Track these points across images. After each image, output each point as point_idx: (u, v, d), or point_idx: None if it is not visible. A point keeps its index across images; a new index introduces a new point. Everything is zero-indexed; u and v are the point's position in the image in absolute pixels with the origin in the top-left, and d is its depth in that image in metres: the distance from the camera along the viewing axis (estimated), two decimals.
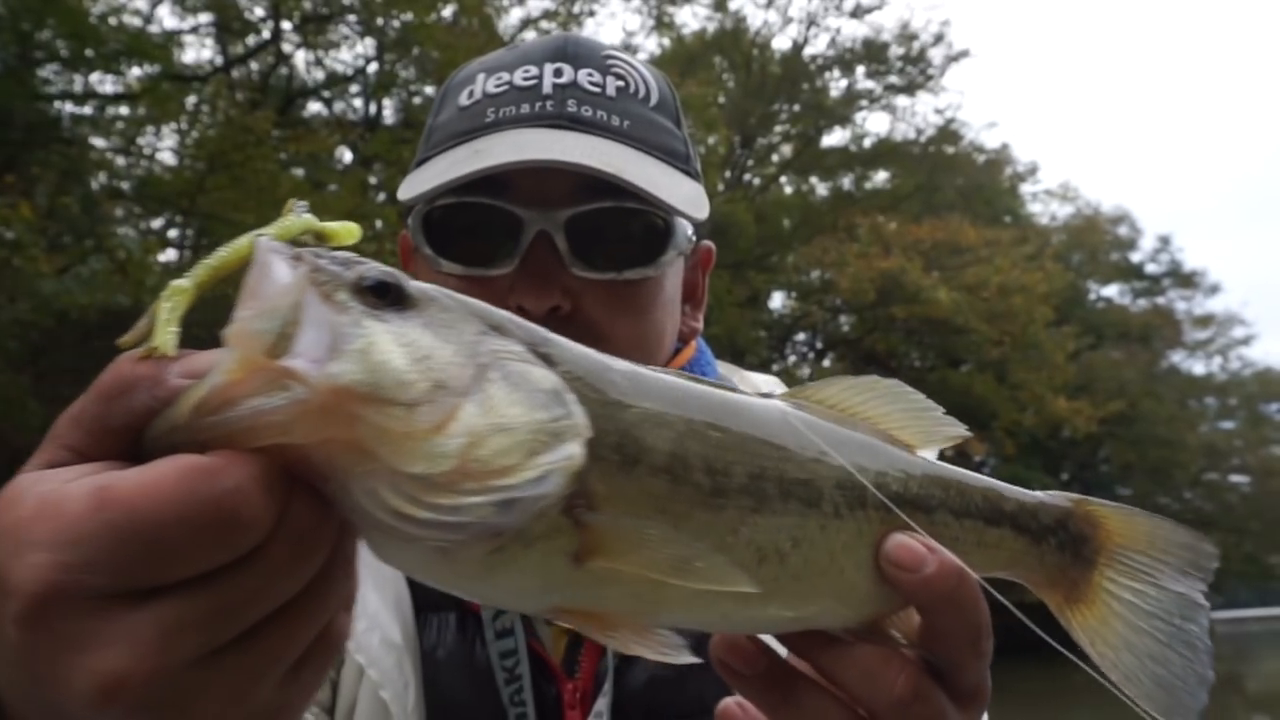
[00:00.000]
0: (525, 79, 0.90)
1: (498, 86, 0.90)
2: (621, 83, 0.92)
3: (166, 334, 0.49)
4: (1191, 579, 0.82)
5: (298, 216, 0.55)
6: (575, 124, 0.87)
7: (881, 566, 0.64)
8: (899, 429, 0.75)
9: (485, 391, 0.50)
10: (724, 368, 1.09)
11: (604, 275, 0.86)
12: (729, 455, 0.60)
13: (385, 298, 0.50)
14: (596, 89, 0.90)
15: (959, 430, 0.76)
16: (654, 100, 0.94)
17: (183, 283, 0.51)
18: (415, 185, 0.89)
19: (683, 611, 0.59)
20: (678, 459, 0.57)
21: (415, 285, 0.52)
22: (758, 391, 1.08)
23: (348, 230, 0.56)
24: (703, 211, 0.92)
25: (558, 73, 0.90)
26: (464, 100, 0.92)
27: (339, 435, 0.46)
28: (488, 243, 0.86)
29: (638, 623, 0.57)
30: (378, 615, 0.95)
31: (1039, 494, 0.78)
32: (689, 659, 0.56)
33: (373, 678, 0.93)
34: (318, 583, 0.49)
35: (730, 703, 0.67)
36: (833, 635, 0.66)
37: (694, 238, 0.96)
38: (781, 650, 0.68)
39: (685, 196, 0.89)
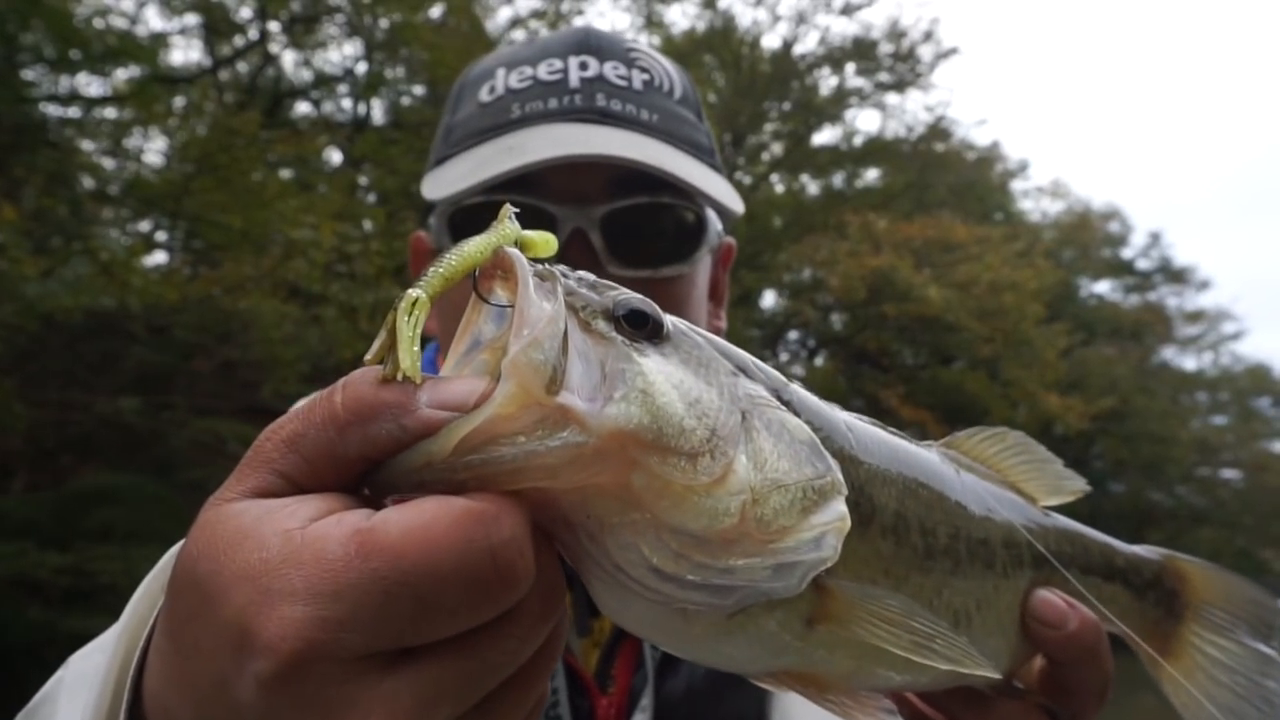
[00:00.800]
0: (550, 73, 0.86)
1: (521, 81, 0.86)
2: (646, 75, 0.90)
3: (411, 354, 0.43)
4: (1266, 636, 0.83)
5: (511, 225, 0.50)
6: (606, 118, 0.84)
7: (1027, 623, 0.64)
8: (1025, 481, 0.75)
9: (754, 442, 0.45)
10: None
11: (640, 273, 0.84)
12: (935, 515, 0.58)
13: (642, 329, 0.46)
14: (623, 82, 0.87)
15: (1080, 485, 0.78)
16: (678, 94, 0.92)
17: (418, 293, 0.45)
18: (442, 184, 0.85)
19: (894, 675, 0.56)
20: (901, 519, 0.55)
21: (669, 318, 0.49)
22: None
23: (545, 241, 0.51)
24: (739, 205, 0.91)
25: (583, 66, 0.86)
26: (485, 96, 0.88)
27: (607, 482, 0.42)
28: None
29: (848, 685, 0.54)
30: None
31: (1137, 549, 0.81)
32: None
33: None
34: (547, 643, 0.44)
35: None
36: (977, 691, 0.66)
37: (722, 233, 0.94)
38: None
39: (721, 190, 0.89)
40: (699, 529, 0.42)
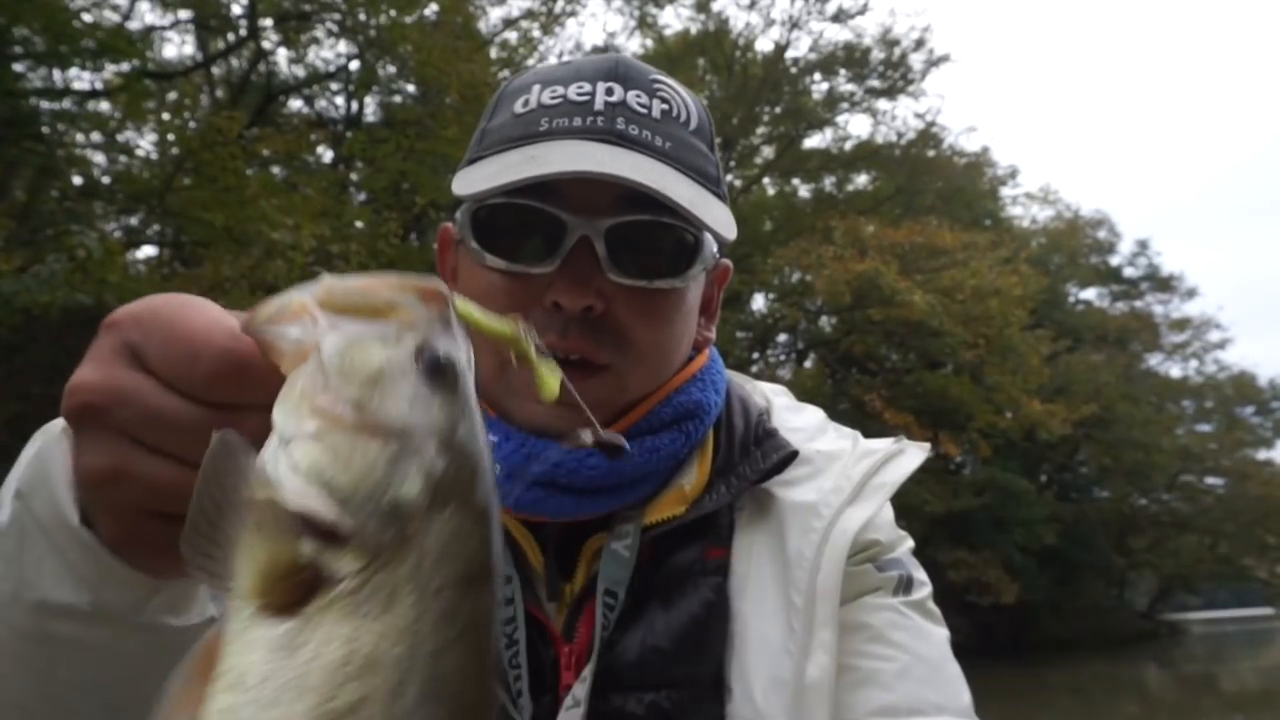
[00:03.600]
0: (579, 94, 0.95)
1: (553, 98, 0.95)
2: (666, 106, 0.98)
3: (555, 378, 0.59)
4: None
5: (528, 338, 0.59)
6: (622, 140, 0.93)
7: None
8: None
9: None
10: (735, 376, 1.14)
11: (636, 282, 0.92)
12: None
13: (433, 376, 0.49)
14: (644, 110, 0.96)
15: None
16: (693, 125, 1.00)
17: (523, 325, 0.59)
18: (469, 183, 0.94)
19: None
20: None
21: (460, 397, 0.50)
22: (767, 402, 1.12)
23: (549, 376, 0.60)
24: (732, 233, 0.98)
25: (609, 91, 0.95)
26: (519, 108, 0.97)
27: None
28: (532, 242, 0.92)
29: None
30: None
31: None
32: None
33: None
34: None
35: None
36: None
37: (718, 255, 1.02)
38: None
39: (717, 218, 0.95)
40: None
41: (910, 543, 1.05)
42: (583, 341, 0.91)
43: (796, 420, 1.10)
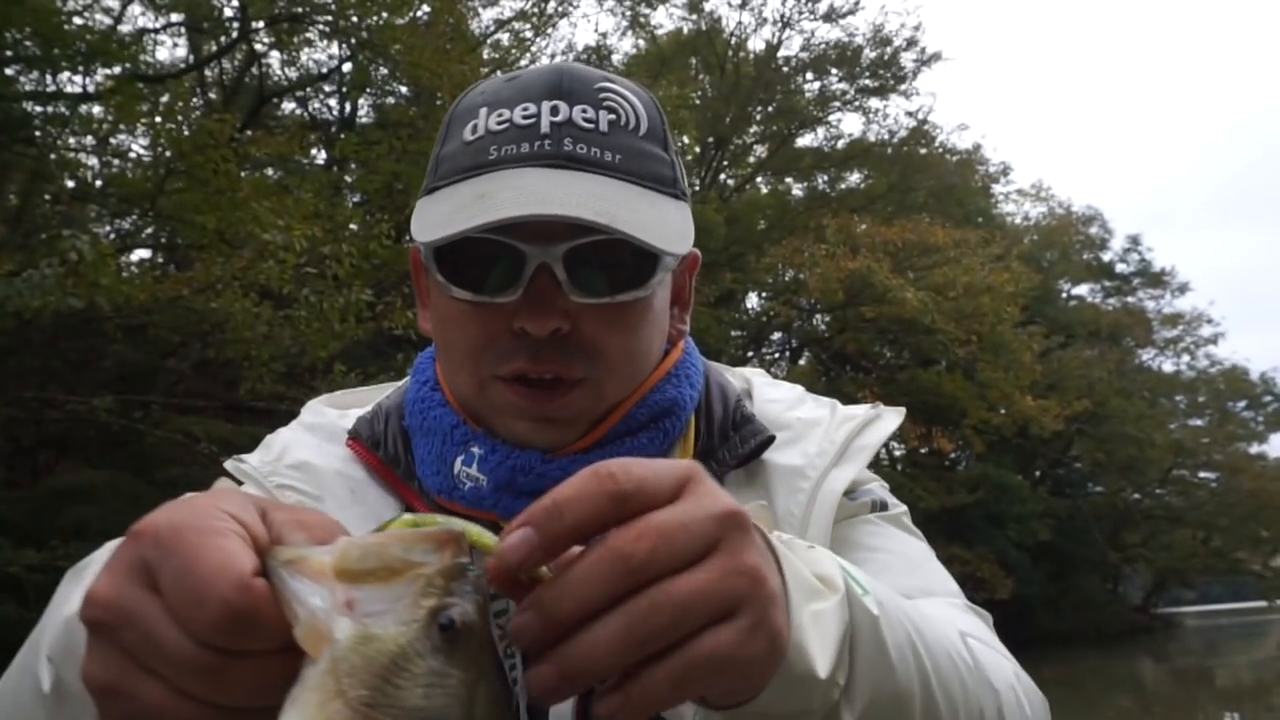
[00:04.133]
0: (524, 117, 0.95)
1: (499, 124, 0.96)
2: (613, 115, 0.97)
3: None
4: None
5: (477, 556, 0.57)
6: (571, 162, 0.93)
7: None
8: None
9: None
10: (713, 364, 1.15)
11: (599, 300, 0.93)
12: None
13: (451, 645, 0.50)
14: (590, 125, 0.95)
15: None
16: (644, 129, 0.99)
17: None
18: (426, 225, 0.95)
19: None
20: None
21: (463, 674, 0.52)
22: (746, 383, 1.15)
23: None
24: (686, 242, 0.97)
25: (554, 110, 0.95)
26: (468, 135, 0.98)
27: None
28: (494, 274, 0.92)
29: None
30: None
31: None
32: None
33: None
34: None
35: None
36: None
37: (679, 255, 1.01)
38: None
39: (671, 228, 0.95)
40: None
41: (884, 484, 1.09)
42: (555, 362, 0.92)
43: (776, 393, 1.12)
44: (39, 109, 11.24)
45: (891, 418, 1.07)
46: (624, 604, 0.51)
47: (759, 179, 28.25)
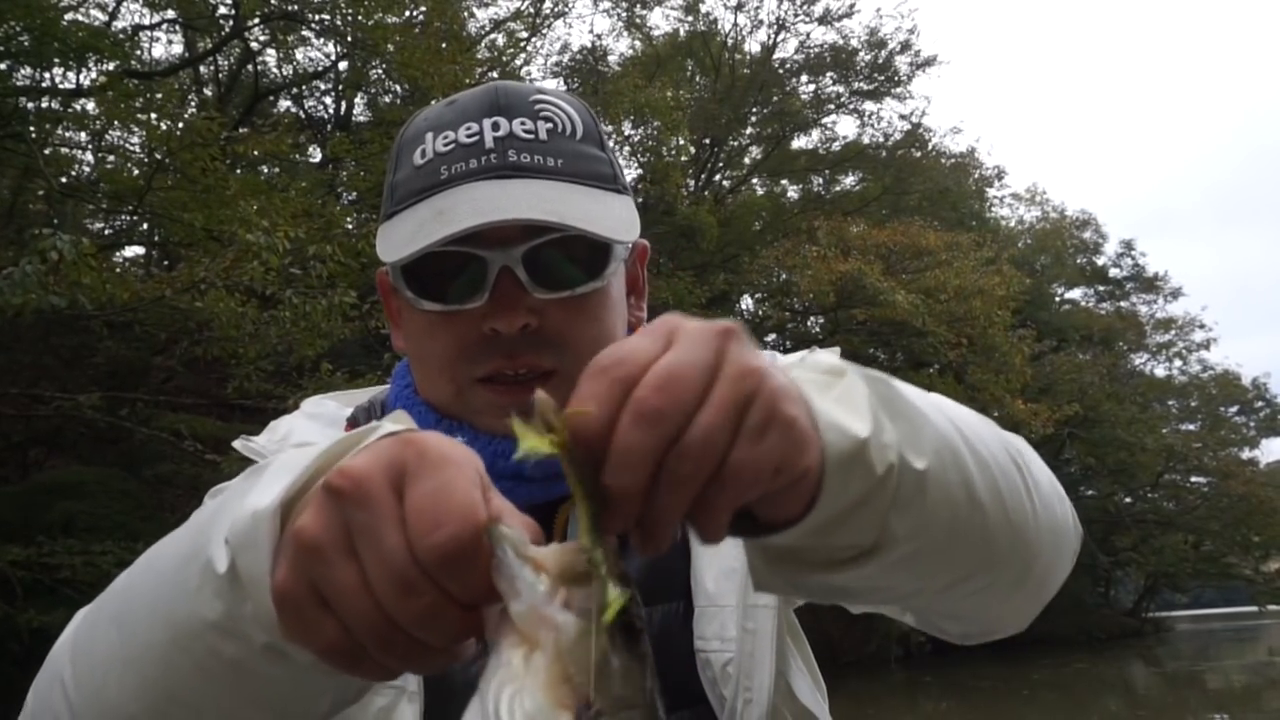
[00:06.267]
0: (469, 136, 1.01)
1: (446, 145, 1.02)
2: (550, 124, 1.03)
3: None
4: None
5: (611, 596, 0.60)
6: (518, 171, 0.99)
7: None
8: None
9: None
10: None
11: (561, 294, 0.99)
12: None
13: (623, 638, 0.54)
14: (530, 135, 1.02)
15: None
16: (580, 133, 1.05)
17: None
18: (391, 247, 1.00)
19: None
20: None
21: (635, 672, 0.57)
22: None
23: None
24: (633, 231, 1.03)
25: (495, 126, 1.01)
26: (418, 159, 1.03)
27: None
28: (460, 283, 0.98)
29: None
30: None
31: None
32: None
33: None
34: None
35: None
36: None
37: (629, 245, 1.09)
38: None
39: (617, 220, 1.02)
40: None
41: None
42: (528, 357, 0.98)
43: None
44: (31, 104, 11.25)
45: (828, 351, 1.12)
46: (666, 465, 0.54)
47: (754, 180, 28.30)
